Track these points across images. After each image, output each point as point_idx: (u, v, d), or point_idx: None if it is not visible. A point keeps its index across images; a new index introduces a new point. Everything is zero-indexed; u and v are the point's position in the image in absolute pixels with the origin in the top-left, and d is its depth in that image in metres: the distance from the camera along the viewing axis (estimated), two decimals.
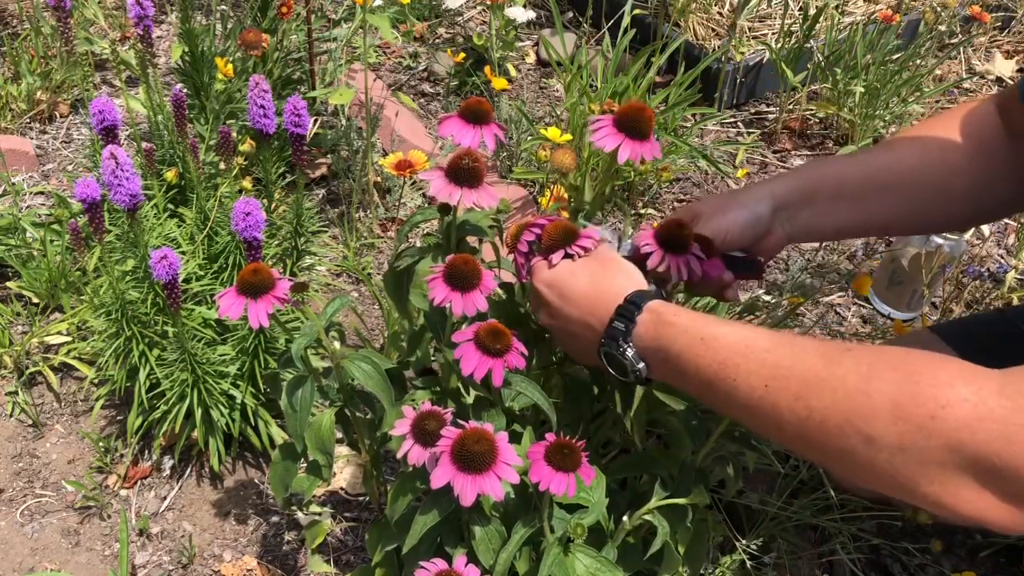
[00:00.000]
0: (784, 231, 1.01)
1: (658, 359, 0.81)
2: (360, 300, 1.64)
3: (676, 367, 0.80)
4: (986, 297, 1.65)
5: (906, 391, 0.67)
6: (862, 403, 0.68)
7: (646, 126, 0.89)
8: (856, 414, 0.68)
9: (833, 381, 0.70)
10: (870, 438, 0.67)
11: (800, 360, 0.73)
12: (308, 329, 0.91)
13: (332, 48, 1.92)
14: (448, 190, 0.85)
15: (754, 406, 0.74)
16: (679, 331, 0.79)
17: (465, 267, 0.83)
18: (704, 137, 2.06)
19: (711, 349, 0.77)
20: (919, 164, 1.01)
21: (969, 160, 1.00)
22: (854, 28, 2.01)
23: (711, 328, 0.78)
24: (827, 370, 0.71)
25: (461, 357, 0.81)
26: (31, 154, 1.82)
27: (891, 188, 1.00)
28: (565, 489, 0.78)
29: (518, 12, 2.02)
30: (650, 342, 0.81)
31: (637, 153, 0.89)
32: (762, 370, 0.74)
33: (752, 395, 0.74)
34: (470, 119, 0.89)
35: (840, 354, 0.72)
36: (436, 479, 0.78)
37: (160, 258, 1.09)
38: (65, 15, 1.32)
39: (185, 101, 1.30)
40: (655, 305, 0.82)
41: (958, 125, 1.01)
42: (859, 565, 1.21)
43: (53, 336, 1.49)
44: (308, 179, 1.84)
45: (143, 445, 1.39)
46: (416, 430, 0.82)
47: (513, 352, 0.82)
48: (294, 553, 1.28)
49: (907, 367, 0.68)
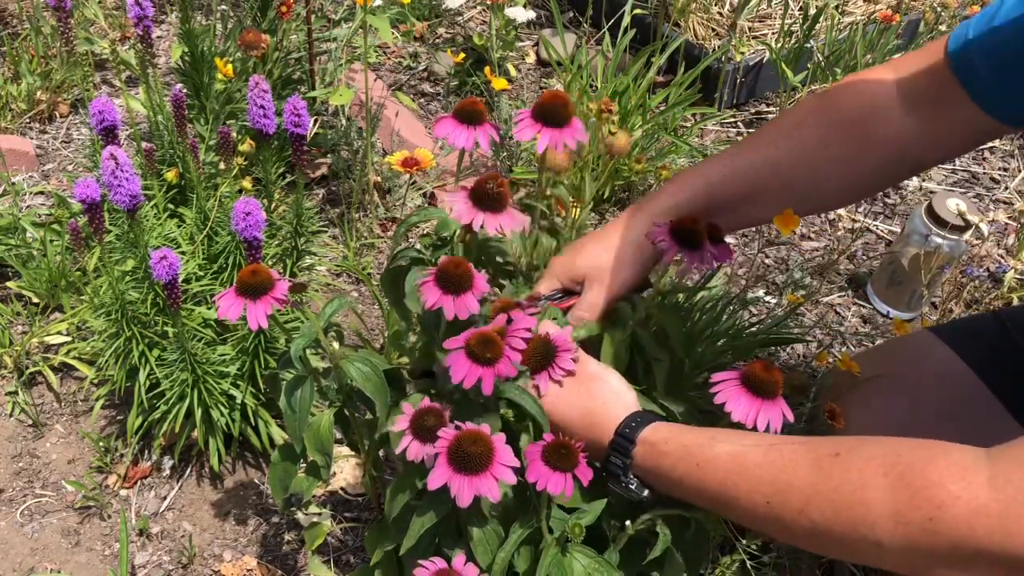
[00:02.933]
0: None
1: (660, 484, 0.84)
2: (360, 300, 1.64)
3: (680, 491, 0.82)
4: (985, 297, 1.65)
5: (901, 497, 0.68)
6: (862, 513, 0.70)
7: (563, 112, 0.89)
8: (859, 523, 0.70)
9: (829, 493, 0.72)
10: (878, 543, 0.69)
11: (794, 474, 0.75)
12: (307, 330, 0.91)
13: (332, 48, 1.92)
14: (471, 214, 0.85)
15: (761, 519, 0.76)
16: (675, 460, 0.82)
17: (456, 270, 0.83)
18: (704, 137, 2.06)
19: (708, 472, 0.79)
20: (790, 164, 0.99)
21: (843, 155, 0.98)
22: (854, 28, 2.01)
23: (704, 452, 0.80)
24: (821, 483, 0.73)
25: (451, 365, 0.81)
26: (31, 154, 1.82)
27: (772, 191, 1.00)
28: (562, 489, 0.78)
29: (518, 12, 2.02)
30: (650, 471, 0.84)
31: (556, 140, 0.89)
32: (760, 487, 0.76)
33: (757, 511, 0.76)
34: (464, 119, 0.89)
35: (830, 462, 0.73)
36: (433, 480, 0.78)
37: (160, 258, 1.09)
38: (65, 15, 1.32)
39: (185, 101, 1.30)
40: (647, 435, 0.84)
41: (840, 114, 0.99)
42: (859, 565, 1.21)
43: (53, 336, 1.49)
44: (308, 179, 1.84)
45: (143, 445, 1.39)
46: (415, 426, 0.82)
47: (504, 361, 0.81)
48: (294, 553, 1.29)
49: (897, 470, 0.69)
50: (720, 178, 1.00)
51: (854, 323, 1.67)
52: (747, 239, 1.81)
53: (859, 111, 0.98)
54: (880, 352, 1.28)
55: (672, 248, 0.91)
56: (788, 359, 1.56)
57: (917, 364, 1.13)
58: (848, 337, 1.62)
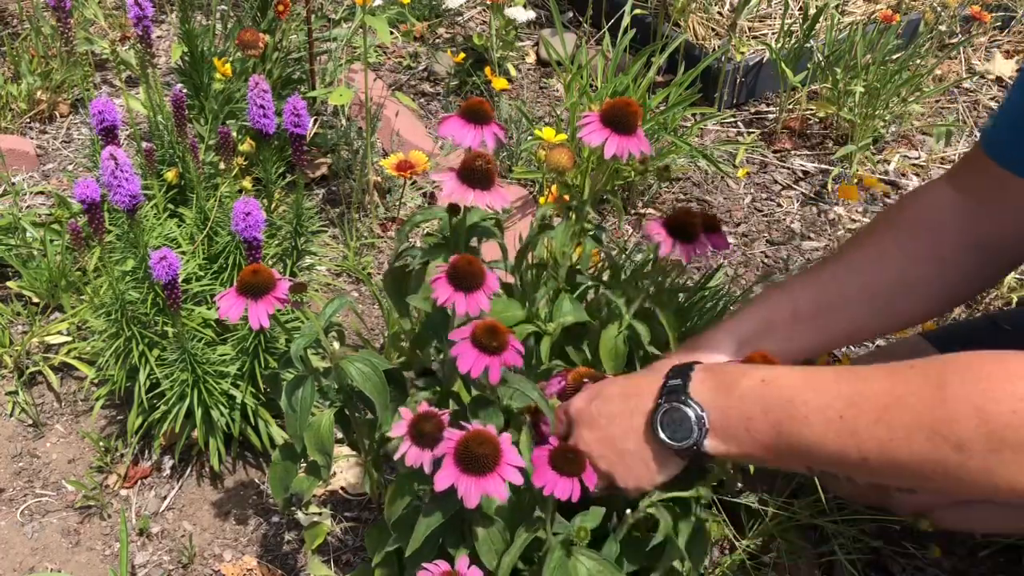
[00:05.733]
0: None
1: (720, 410, 0.79)
2: (360, 300, 1.64)
3: (741, 412, 0.78)
4: (986, 297, 1.65)
5: (982, 391, 0.67)
6: (943, 413, 0.68)
7: (632, 121, 0.89)
8: (940, 424, 0.68)
9: (908, 397, 0.70)
10: (960, 444, 0.67)
11: (869, 384, 0.73)
12: (307, 329, 0.91)
13: (332, 48, 1.92)
14: (461, 192, 0.85)
15: (832, 439, 0.73)
16: (738, 375, 0.79)
17: (469, 267, 0.83)
18: (704, 137, 2.06)
19: (776, 387, 0.76)
20: (872, 270, 1.01)
21: (924, 253, 0.99)
22: (854, 28, 2.01)
23: (767, 371, 0.78)
24: (899, 388, 0.71)
25: (458, 355, 0.81)
26: (31, 154, 1.82)
27: (843, 304, 1.00)
28: (569, 493, 0.79)
29: (518, 12, 2.02)
30: (708, 392, 0.79)
31: (624, 148, 0.89)
32: (835, 401, 0.73)
33: (829, 428, 0.73)
34: (470, 119, 0.89)
35: (906, 370, 0.72)
36: (440, 481, 0.78)
37: (160, 258, 1.09)
38: (65, 15, 1.32)
39: (185, 101, 1.30)
40: (703, 364, 0.82)
41: (906, 219, 1.01)
42: (859, 565, 1.21)
43: (53, 336, 1.49)
44: (308, 179, 1.84)
45: (143, 445, 1.39)
46: (413, 432, 0.82)
47: (510, 350, 0.82)
48: (294, 553, 1.29)
49: (974, 369, 0.69)
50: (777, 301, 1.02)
51: None
52: (747, 239, 1.82)
53: (925, 218, 1.00)
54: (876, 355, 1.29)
55: (667, 241, 0.92)
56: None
57: None
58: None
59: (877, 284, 1.00)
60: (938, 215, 1.00)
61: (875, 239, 1.02)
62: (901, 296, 1.01)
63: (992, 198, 0.96)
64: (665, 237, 0.93)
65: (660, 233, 0.93)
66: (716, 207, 1.88)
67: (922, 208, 1.01)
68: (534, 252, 1.05)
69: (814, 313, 1.00)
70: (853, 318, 1.01)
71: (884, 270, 1.00)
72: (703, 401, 0.79)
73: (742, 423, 0.78)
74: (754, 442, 0.78)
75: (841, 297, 1.00)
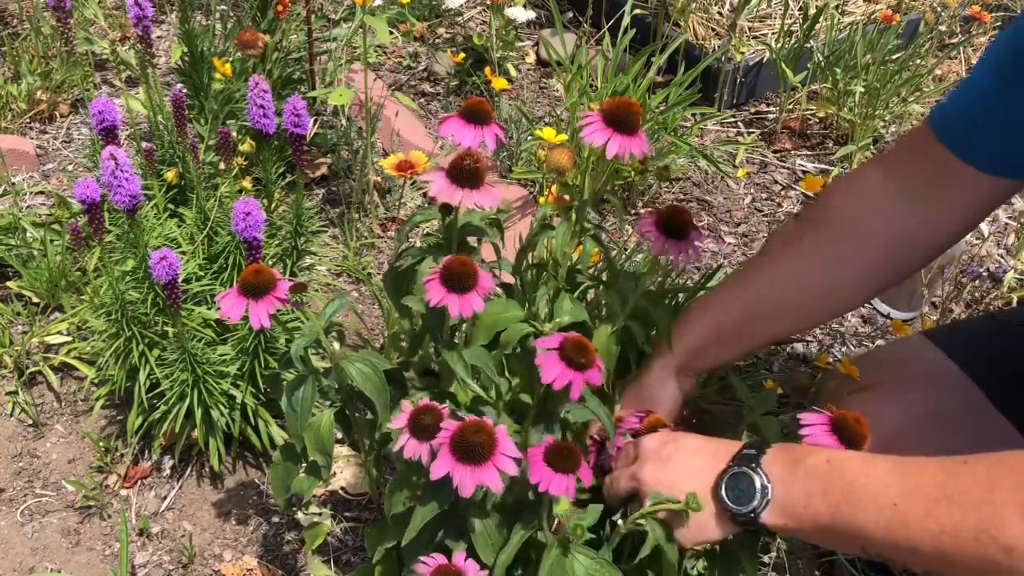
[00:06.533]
0: (689, 383, 1.05)
1: (784, 484, 0.80)
2: (360, 300, 1.64)
3: (803, 489, 0.79)
4: (985, 297, 1.65)
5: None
6: (990, 514, 0.68)
7: (634, 121, 0.89)
8: (988, 526, 0.68)
9: (958, 496, 0.70)
10: (1008, 547, 0.67)
11: (922, 476, 0.73)
12: (308, 329, 0.91)
13: (332, 48, 1.92)
14: (449, 191, 0.85)
15: (884, 527, 0.74)
16: (805, 452, 0.81)
17: (462, 268, 0.83)
18: (704, 137, 2.06)
19: (837, 469, 0.77)
20: (802, 274, 1.02)
21: (850, 254, 1.00)
22: (854, 28, 2.01)
23: (832, 452, 0.80)
24: (950, 484, 0.71)
25: (542, 365, 0.81)
26: (31, 154, 1.82)
27: (777, 309, 1.02)
28: (565, 490, 0.79)
29: (518, 12, 2.02)
30: (777, 466, 0.81)
31: (625, 148, 0.89)
32: (890, 489, 0.74)
33: (882, 515, 0.74)
34: (471, 119, 0.88)
35: (959, 467, 0.72)
36: (436, 470, 0.78)
37: (160, 258, 1.09)
38: (65, 15, 1.32)
39: (185, 101, 1.30)
40: (780, 444, 0.84)
41: (833, 217, 1.01)
42: (859, 565, 1.21)
43: (53, 336, 1.49)
44: (308, 179, 1.84)
45: (143, 445, 1.39)
46: (412, 424, 0.82)
47: (595, 368, 0.81)
48: (294, 553, 1.29)
49: (1020, 473, 0.69)
50: (724, 309, 1.03)
51: (854, 323, 1.67)
52: (747, 239, 1.82)
53: (851, 213, 1.00)
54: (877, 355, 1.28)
55: (659, 239, 0.93)
56: (788, 359, 1.56)
57: (912, 370, 1.13)
58: (848, 337, 1.62)
59: (807, 287, 1.01)
60: (866, 208, 0.99)
61: (802, 239, 1.02)
62: (830, 296, 1.02)
63: (932, 185, 0.96)
64: (656, 235, 0.94)
65: (651, 231, 0.94)
66: (716, 207, 1.89)
67: (851, 201, 1.01)
68: (534, 252, 1.05)
69: (749, 320, 1.02)
70: (783, 320, 1.03)
71: (813, 273, 1.01)
72: (771, 473, 0.81)
73: (802, 499, 0.79)
74: (811, 520, 0.79)
75: (775, 303, 1.02)
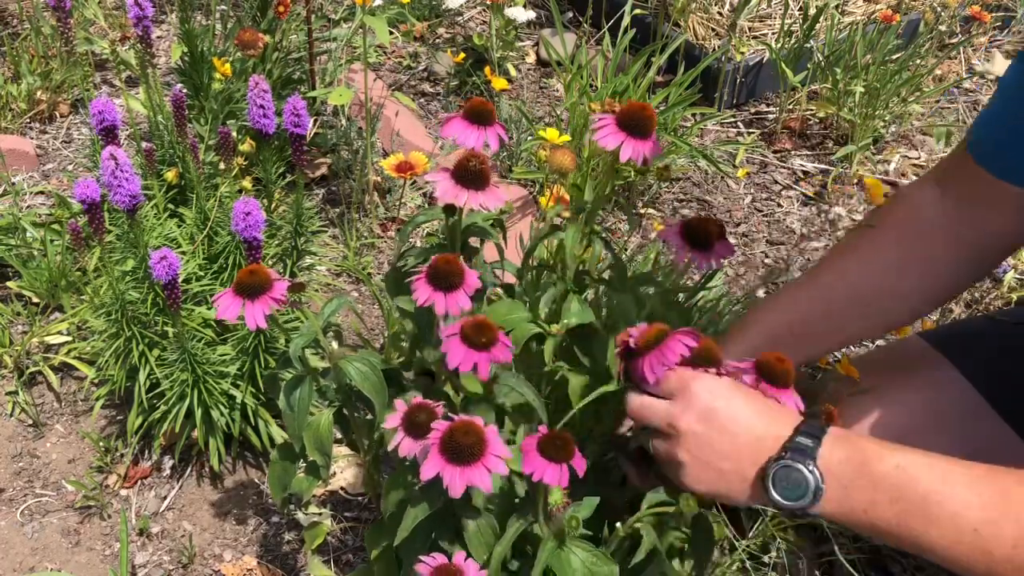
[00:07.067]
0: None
1: (843, 486, 0.74)
2: (360, 300, 1.65)
3: (867, 496, 0.73)
4: (985, 297, 1.65)
5: None
6: None
7: (649, 126, 0.90)
8: None
9: None
10: None
11: (1008, 501, 0.69)
12: (306, 329, 0.91)
13: (332, 48, 1.92)
14: (454, 192, 0.85)
15: (961, 551, 0.70)
16: (872, 455, 0.74)
17: (447, 267, 0.83)
18: (704, 137, 2.06)
19: (910, 478, 0.72)
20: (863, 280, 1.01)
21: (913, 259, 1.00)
22: (854, 28, 2.01)
23: (901, 456, 0.73)
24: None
25: (447, 351, 0.81)
26: (31, 154, 1.82)
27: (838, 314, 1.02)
28: (559, 479, 0.79)
29: (518, 12, 2.02)
30: (837, 464, 0.74)
31: (639, 152, 0.89)
32: (971, 512, 0.69)
33: (961, 538, 0.70)
34: (473, 120, 0.88)
35: None
36: (425, 471, 0.78)
37: (160, 258, 1.09)
38: (65, 15, 1.32)
39: (185, 101, 1.30)
40: (837, 430, 0.77)
41: (894, 224, 1.02)
42: (859, 565, 1.21)
43: (53, 336, 1.49)
44: (308, 179, 1.84)
45: (143, 445, 1.39)
46: (407, 423, 0.82)
47: (499, 346, 0.82)
48: (294, 553, 1.29)
49: None
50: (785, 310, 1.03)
51: None
52: (748, 239, 1.82)
53: (915, 227, 1.01)
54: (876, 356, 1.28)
55: (684, 249, 0.94)
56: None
57: (911, 371, 1.14)
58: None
59: (868, 293, 1.01)
60: (926, 218, 1.00)
61: (864, 246, 1.02)
62: (891, 302, 1.01)
63: (981, 201, 0.97)
64: (681, 244, 0.95)
65: (676, 241, 0.95)
66: (716, 207, 1.88)
67: (910, 211, 1.01)
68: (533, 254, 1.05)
69: (811, 326, 1.01)
70: (845, 327, 1.03)
71: (874, 278, 1.00)
72: (828, 469, 0.74)
73: (863, 504, 0.74)
74: (869, 523, 0.74)
75: (834, 309, 1.01)
